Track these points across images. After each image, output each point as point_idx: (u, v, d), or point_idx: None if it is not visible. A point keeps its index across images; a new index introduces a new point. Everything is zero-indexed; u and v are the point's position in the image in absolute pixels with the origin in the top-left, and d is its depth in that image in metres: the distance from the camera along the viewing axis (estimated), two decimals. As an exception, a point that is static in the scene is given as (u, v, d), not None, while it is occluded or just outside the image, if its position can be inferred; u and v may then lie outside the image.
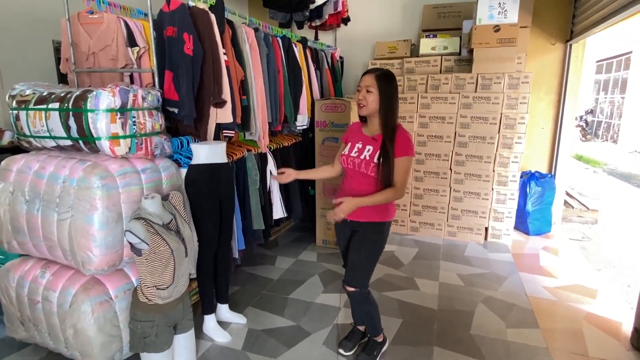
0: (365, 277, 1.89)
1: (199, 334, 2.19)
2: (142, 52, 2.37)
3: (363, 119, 1.89)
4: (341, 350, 2.10)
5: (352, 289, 1.89)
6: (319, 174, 2.19)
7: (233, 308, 2.43)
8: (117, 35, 2.28)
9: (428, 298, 2.64)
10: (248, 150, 2.68)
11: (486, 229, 3.64)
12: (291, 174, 2.01)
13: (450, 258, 3.28)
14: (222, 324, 2.29)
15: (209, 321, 2.20)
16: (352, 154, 1.83)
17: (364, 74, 1.79)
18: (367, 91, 1.75)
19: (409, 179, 1.76)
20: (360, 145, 1.83)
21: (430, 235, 3.79)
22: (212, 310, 2.21)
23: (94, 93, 1.70)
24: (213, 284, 2.21)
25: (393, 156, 1.71)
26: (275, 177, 1.97)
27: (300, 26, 3.96)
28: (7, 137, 2.65)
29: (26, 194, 1.82)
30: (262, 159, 2.85)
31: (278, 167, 2.98)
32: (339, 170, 1.99)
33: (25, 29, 2.73)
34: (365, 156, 1.78)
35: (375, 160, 1.74)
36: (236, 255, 2.55)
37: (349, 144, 1.88)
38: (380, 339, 2.08)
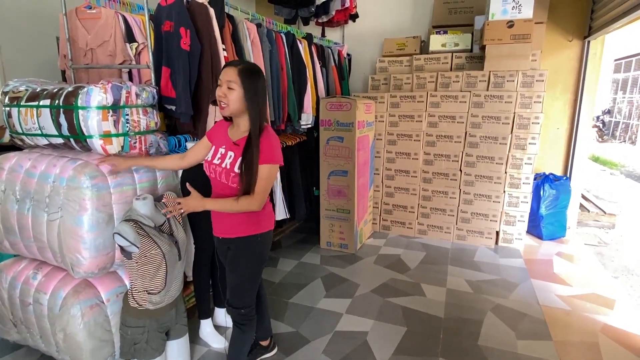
0: (249, 296, 1.69)
1: (195, 339, 2.13)
2: (141, 48, 2.31)
3: (229, 119, 1.65)
4: None
5: (236, 310, 1.68)
6: (163, 163, 1.78)
7: (231, 312, 2.36)
8: (115, 30, 2.23)
9: (434, 305, 2.53)
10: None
11: (497, 232, 3.51)
12: (119, 164, 1.67)
13: (458, 263, 3.16)
14: (219, 328, 2.22)
15: (205, 326, 2.13)
16: (215, 161, 1.60)
17: (225, 66, 1.54)
18: (228, 87, 1.49)
19: (269, 188, 1.56)
20: (223, 151, 1.59)
21: (439, 238, 3.67)
22: (208, 314, 2.14)
23: (85, 89, 1.64)
24: (210, 287, 2.14)
25: (257, 163, 1.49)
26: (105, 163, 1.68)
27: (306, 22, 3.87)
28: (9, 135, 2.62)
29: (17, 193, 1.77)
30: (264, 159, 2.76)
31: (281, 167, 2.90)
32: (187, 165, 1.76)
33: (29, 25, 2.70)
34: (226, 164, 1.56)
35: (237, 169, 1.52)
36: (235, 257, 2.47)
37: (213, 148, 1.64)
38: None
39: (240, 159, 1.52)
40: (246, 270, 1.67)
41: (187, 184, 1.58)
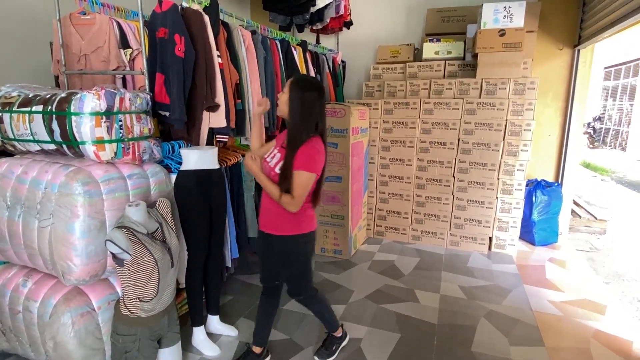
0: (303, 285, 1.92)
1: (188, 346, 2.11)
2: (136, 54, 2.31)
3: None
4: None
5: (296, 297, 1.94)
6: (270, 185, 1.78)
7: (224, 319, 2.34)
8: (109, 36, 2.23)
9: (428, 311, 2.53)
10: (243, 156, 2.60)
11: (490, 238, 3.53)
12: (257, 162, 1.76)
13: (452, 269, 3.17)
14: (212, 336, 2.20)
15: (198, 334, 2.12)
16: (267, 159, 1.80)
17: None
18: (283, 91, 1.71)
19: (305, 194, 1.68)
20: (275, 151, 1.79)
21: (432, 244, 3.68)
22: (201, 322, 2.12)
23: (79, 96, 1.64)
24: (202, 294, 2.13)
25: (290, 167, 1.65)
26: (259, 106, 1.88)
27: (300, 29, 3.89)
28: (0, 140, 2.59)
29: (8, 199, 1.75)
30: (258, 165, 2.76)
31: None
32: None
33: (22, 31, 2.69)
34: (272, 163, 1.75)
35: (277, 170, 1.70)
36: (229, 264, 2.46)
37: (272, 148, 1.85)
38: (339, 334, 2.12)
39: (282, 161, 1.69)
40: (295, 266, 1.85)
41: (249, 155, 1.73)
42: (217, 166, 2.07)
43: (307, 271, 1.91)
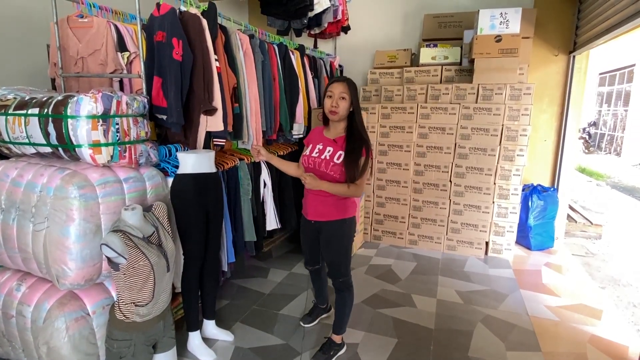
0: (344, 268, 2.03)
1: (183, 351, 2.09)
2: (133, 57, 2.31)
3: (325, 123, 2.00)
4: (301, 323, 2.39)
5: (335, 280, 2.03)
6: (285, 167, 2.12)
7: (220, 324, 2.33)
8: (107, 39, 2.23)
9: (425, 316, 2.53)
10: (240, 160, 2.60)
11: (487, 243, 3.54)
12: (262, 154, 2.03)
13: (449, 273, 3.17)
14: (208, 340, 2.19)
15: (194, 338, 2.10)
16: (313, 155, 1.93)
17: (333, 82, 1.89)
18: (342, 98, 1.85)
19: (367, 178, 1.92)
20: (320, 147, 1.93)
21: (429, 248, 3.68)
22: (197, 327, 2.10)
23: (75, 99, 1.63)
24: (198, 299, 2.11)
25: (360, 155, 1.82)
26: (252, 150, 2.05)
27: (298, 34, 3.90)
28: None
29: (2, 202, 1.74)
30: (255, 169, 2.76)
31: (272, 176, 2.90)
32: (302, 173, 1.97)
33: (19, 33, 2.68)
34: (325, 156, 1.89)
35: (336, 160, 1.86)
36: (225, 268, 2.45)
37: (310, 146, 1.99)
38: (339, 341, 2.13)
39: (341, 152, 1.85)
40: (339, 248, 2.00)
41: (305, 173, 1.85)
42: (214, 170, 2.06)
43: (349, 253, 2.05)
